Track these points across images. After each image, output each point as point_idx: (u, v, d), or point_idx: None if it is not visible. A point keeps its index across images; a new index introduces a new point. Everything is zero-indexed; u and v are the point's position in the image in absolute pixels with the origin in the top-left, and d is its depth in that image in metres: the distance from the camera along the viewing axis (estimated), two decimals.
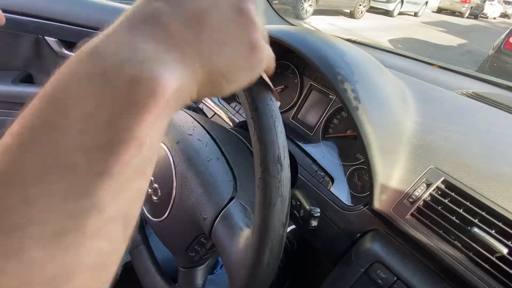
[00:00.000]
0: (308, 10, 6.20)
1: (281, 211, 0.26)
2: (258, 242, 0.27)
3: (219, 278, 0.66)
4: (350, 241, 0.50)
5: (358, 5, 7.20)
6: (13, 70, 0.97)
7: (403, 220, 0.42)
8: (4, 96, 0.92)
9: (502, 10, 12.70)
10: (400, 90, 0.55)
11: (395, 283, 0.41)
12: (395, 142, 0.46)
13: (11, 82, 0.92)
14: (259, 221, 0.27)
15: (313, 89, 0.68)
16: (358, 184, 0.54)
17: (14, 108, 0.96)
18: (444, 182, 0.41)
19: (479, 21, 10.87)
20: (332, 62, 0.47)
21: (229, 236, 0.34)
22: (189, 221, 0.40)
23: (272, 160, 0.25)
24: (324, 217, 0.53)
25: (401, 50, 0.96)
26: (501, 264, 0.35)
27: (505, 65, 2.83)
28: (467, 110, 0.58)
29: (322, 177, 0.55)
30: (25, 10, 0.89)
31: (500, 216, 0.37)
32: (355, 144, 0.57)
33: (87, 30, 0.96)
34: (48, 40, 0.94)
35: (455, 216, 0.39)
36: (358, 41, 0.99)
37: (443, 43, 6.20)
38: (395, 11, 8.26)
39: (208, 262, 0.45)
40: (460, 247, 0.38)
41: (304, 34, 0.54)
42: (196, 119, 0.48)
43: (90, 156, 0.13)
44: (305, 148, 0.62)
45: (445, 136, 0.47)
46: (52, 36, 0.94)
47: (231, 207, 0.37)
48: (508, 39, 2.85)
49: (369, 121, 0.44)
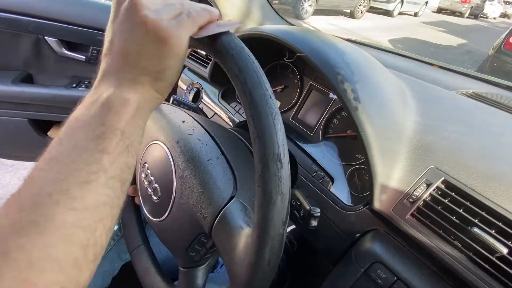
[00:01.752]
0: (308, 10, 6.20)
1: (281, 209, 0.26)
2: (259, 240, 0.27)
3: (220, 277, 0.66)
4: (350, 241, 0.50)
5: (358, 5, 7.20)
6: (13, 70, 0.97)
7: (403, 220, 0.42)
8: (4, 96, 0.92)
9: (502, 10, 12.70)
10: (400, 90, 0.55)
11: (395, 283, 0.41)
12: (395, 142, 0.46)
13: (11, 82, 0.92)
14: (259, 219, 0.27)
15: (313, 89, 0.68)
16: (358, 184, 0.54)
17: (14, 108, 0.96)
18: (444, 182, 0.41)
19: (479, 21, 10.87)
20: (332, 62, 0.47)
21: (230, 235, 0.34)
22: (189, 221, 0.40)
23: (272, 158, 0.25)
24: (324, 217, 0.53)
25: (401, 50, 0.96)
26: (501, 264, 0.35)
27: (505, 65, 2.83)
28: (467, 110, 0.58)
29: (322, 177, 0.55)
30: (25, 10, 0.89)
31: (500, 216, 0.37)
32: (355, 144, 0.57)
33: (87, 30, 0.96)
34: (48, 40, 0.94)
35: (455, 216, 0.39)
36: (358, 41, 0.99)
37: (443, 43, 6.20)
38: (395, 11, 8.26)
39: (208, 262, 0.45)
40: (460, 247, 0.38)
41: (304, 34, 0.54)
42: (196, 119, 0.48)
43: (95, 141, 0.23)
44: (305, 148, 0.62)
45: (445, 136, 0.47)
46: (52, 36, 0.94)
47: (231, 206, 0.37)
48: (508, 39, 2.85)
49: (369, 121, 0.44)
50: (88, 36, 0.97)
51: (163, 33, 0.25)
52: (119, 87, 0.26)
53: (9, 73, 0.95)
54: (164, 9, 0.26)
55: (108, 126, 0.24)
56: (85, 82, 1.01)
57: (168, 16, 0.26)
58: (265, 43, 0.58)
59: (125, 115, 0.25)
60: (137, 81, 0.26)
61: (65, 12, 0.94)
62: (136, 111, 0.26)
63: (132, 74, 0.26)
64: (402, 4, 8.35)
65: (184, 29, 0.26)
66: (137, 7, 0.25)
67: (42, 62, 0.99)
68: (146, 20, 0.25)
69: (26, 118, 0.98)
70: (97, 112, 0.24)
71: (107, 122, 0.24)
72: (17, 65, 0.97)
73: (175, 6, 0.27)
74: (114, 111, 0.25)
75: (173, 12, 0.27)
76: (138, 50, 0.25)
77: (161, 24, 0.25)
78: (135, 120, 0.26)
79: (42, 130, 1.03)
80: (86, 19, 0.95)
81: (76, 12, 0.95)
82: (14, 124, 0.99)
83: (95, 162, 0.23)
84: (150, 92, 0.27)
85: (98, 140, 0.23)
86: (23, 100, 0.94)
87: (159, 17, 0.25)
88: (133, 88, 0.26)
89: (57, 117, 1.00)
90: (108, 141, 0.24)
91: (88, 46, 0.99)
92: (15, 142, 1.06)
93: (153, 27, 0.25)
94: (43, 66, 1.00)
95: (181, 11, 0.27)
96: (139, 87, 0.26)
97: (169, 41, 0.25)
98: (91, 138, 0.23)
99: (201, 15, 0.28)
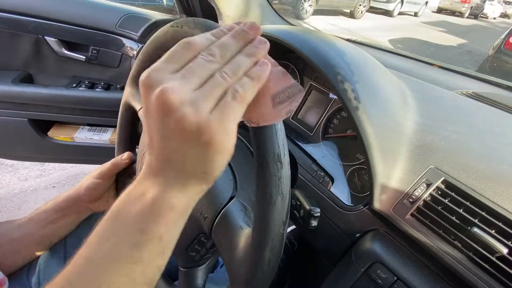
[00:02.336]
0: (308, 10, 6.20)
1: (282, 209, 0.26)
2: (259, 240, 0.27)
3: (220, 277, 0.66)
4: (350, 241, 0.50)
5: (358, 5, 7.20)
6: (13, 70, 0.97)
7: (403, 220, 0.42)
8: (4, 96, 0.92)
9: (502, 10, 12.69)
10: (400, 90, 0.55)
11: (395, 283, 0.41)
12: (395, 142, 0.46)
13: (11, 82, 0.92)
14: (259, 219, 0.27)
15: (313, 89, 0.68)
16: (358, 184, 0.54)
17: (14, 108, 0.96)
18: (444, 182, 0.41)
19: (479, 21, 10.86)
20: (332, 62, 0.46)
21: (230, 235, 0.34)
22: (189, 221, 0.40)
23: (272, 158, 0.25)
24: (324, 217, 0.53)
25: (401, 50, 0.96)
26: (501, 264, 0.35)
27: (505, 65, 2.82)
28: (467, 110, 0.58)
29: (322, 177, 0.55)
30: (25, 10, 0.89)
31: (500, 216, 0.37)
32: (355, 144, 0.57)
33: (87, 30, 0.96)
34: (48, 40, 0.94)
35: (455, 216, 0.39)
36: (358, 41, 0.99)
37: (443, 43, 6.20)
38: (395, 11, 8.26)
39: (208, 262, 0.45)
40: (460, 247, 0.38)
41: (304, 34, 0.54)
42: None
43: (130, 251, 0.23)
44: (305, 148, 0.62)
45: (445, 136, 0.47)
46: (52, 36, 0.94)
47: (231, 206, 0.37)
48: (508, 39, 2.85)
49: (369, 121, 0.44)
50: (88, 36, 0.97)
51: (206, 135, 0.20)
52: (166, 191, 0.23)
53: (9, 73, 0.95)
54: (202, 96, 0.20)
55: (147, 234, 0.23)
56: (85, 82, 1.01)
57: (208, 105, 0.20)
58: None
59: (168, 221, 0.23)
60: (186, 184, 0.23)
61: (65, 12, 0.93)
62: (180, 215, 0.24)
63: (179, 178, 0.23)
64: (402, 4, 8.34)
65: (230, 120, 0.21)
66: (170, 103, 0.19)
67: (42, 62, 0.99)
68: (184, 123, 0.20)
69: (26, 118, 0.98)
70: (138, 214, 0.23)
71: (147, 229, 0.23)
72: (17, 65, 0.97)
73: (215, 81, 0.21)
74: (156, 216, 0.23)
75: (214, 96, 0.21)
76: (181, 156, 0.22)
77: (201, 123, 0.20)
78: (176, 224, 0.24)
79: (42, 130, 1.03)
80: (86, 19, 0.95)
81: (76, 12, 0.95)
82: (14, 124, 0.99)
83: (127, 274, 0.22)
84: (198, 191, 0.25)
85: (134, 249, 0.22)
86: (23, 100, 0.94)
87: (198, 113, 0.20)
88: (181, 191, 0.23)
89: (57, 117, 1.00)
90: (144, 249, 0.23)
91: (88, 46, 0.98)
92: (15, 142, 1.05)
93: (193, 129, 0.20)
94: (43, 66, 1.00)
95: (225, 89, 0.21)
96: (188, 189, 0.24)
97: (214, 141, 0.21)
98: (127, 245, 0.22)
99: (252, 87, 0.22)
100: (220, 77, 0.21)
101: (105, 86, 1.02)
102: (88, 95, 0.98)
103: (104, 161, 0.55)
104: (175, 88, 0.20)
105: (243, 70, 0.22)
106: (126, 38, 0.99)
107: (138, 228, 0.23)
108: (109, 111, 1.01)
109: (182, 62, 0.21)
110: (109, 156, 0.56)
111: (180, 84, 0.20)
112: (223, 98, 0.21)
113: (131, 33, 0.98)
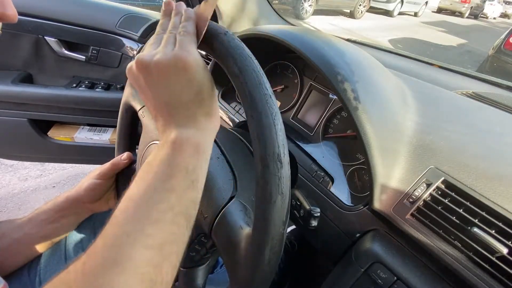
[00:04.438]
0: (308, 10, 6.20)
1: (282, 209, 0.26)
2: (259, 240, 0.27)
3: (220, 277, 0.66)
4: (350, 241, 0.50)
5: (358, 5, 7.20)
6: (13, 70, 0.97)
7: (403, 220, 0.42)
8: (4, 96, 0.92)
9: (502, 10, 12.70)
10: (400, 90, 0.55)
11: (395, 283, 0.41)
12: (395, 142, 0.46)
13: (11, 82, 0.92)
14: (259, 219, 0.27)
15: (313, 89, 0.68)
16: (358, 184, 0.54)
17: (14, 108, 0.96)
18: (444, 182, 0.41)
19: (479, 21, 10.86)
20: (332, 62, 0.46)
21: (230, 235, 0.34)
22: None
23: (272, 158, 0.25)
24: (324, 217, 0.53)
25: (401, 50, 0.96)
26: (501, 264, 0.35)
27: (505, 65, 2.82)
28: (467, 110, 0.58)
29: (322, 177, 0.55)
30: (25, 10, 0.89)
31: (500, 216, 0.37)
32: (355, 144, 0.57)
33: (87, 30, 0.96)
34: (48, 40, 0.94)
35: (455, 216, 0.39)
36: (358, 41, 0.99)
37: (443, 43, 6.20)
38: (395, 11, 8.26)
39: (208, 262, 0.45)
40: (460, 247, 0.38)
41: (304, 34, 0.54)
42: None
43: (163, 182, 0.26)
44: (305, 148, 0.62)
45: (445, 136, 0.47)
46: (52, 36, 0.94)
47: (231, 206, 0.37)
48: (508, 39, 2.85)
49: (369, 121, 0.44)
50: (88, 36, 0.97)
51: (180, 63, 0.27)
52: (181, 131, 0.28)
53: (9, 73, 0.95)
54: (162, 45, 0.28)
55: (174, 166, 0.27)
56: (85, 82, 1.01)
57: (169, 47, 0.28)
58: (265, 43, 0.58)
59: (187, 152, 0.28)
60: (190, 116, 0.29)
61: (65, 12, 0.94)
62: (198, 146, 0.28)
63: (182, 112, 0.29)
64: (402, 4, 8.35)
65: (186, 46, 0.28)
66: (144, 60, 0.27)
67: (42, 62, 0.99)
68: (160, 66, 0.27)
69: (26, 118, 0.98)
70: (163, 155, 0.27)
71: (172, 162, 0.27)
72: (17, 65, 0.97)
73: (166, 36, 0.29)
74: (177, 150, 0.27)
75: (170, 42, 0.29)
76: (174, 94, 0.28)
77: (171, 58, 0.27)
78: (197, 155, 0.28)
79: (42, 130, 1.03)
80: (86, 19, 0.95)
81: (76, 12, 0.95)
82: (14, 124, 0.99)
83: (164, 201, 0.25)
84: (205, 123, 0.30)
85: (166, 180, 0.26)
86: (23, 100, 0.94)
87: (165, 54, 0.27)
88: (190, 125, 0.29)
89: (57, 117, 1.00)
90: (175, 179, 0.26)
91: (88, 46, 0.99)
92: (15, 142, 1.05)
93: (169, 64, 0.27)
94: (43, 66, 1.00)
95: (174, 35, 0.29)
96: (194, 122, 0.29)
97: (188, 63, 0.27)
98: (160, 179, 0.26)
99: (188, 23, 0.30)
100: (168, 32, 0.30)
101: (105, 86, 1.02)
102: (88, 95, 0.98)
103: (104, 161, 0.55)
104: (145, 52, 0.28)
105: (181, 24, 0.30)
106: (126, 38, 0.99)
107: (165, 164, 0.27)
108: (109, 111, 1.01)
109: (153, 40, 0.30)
110: (109, 156, 0.56)
111: (148, 49, 0.29)
112: (176, 40, 0.29)
113: (131, 33, 0.98)
